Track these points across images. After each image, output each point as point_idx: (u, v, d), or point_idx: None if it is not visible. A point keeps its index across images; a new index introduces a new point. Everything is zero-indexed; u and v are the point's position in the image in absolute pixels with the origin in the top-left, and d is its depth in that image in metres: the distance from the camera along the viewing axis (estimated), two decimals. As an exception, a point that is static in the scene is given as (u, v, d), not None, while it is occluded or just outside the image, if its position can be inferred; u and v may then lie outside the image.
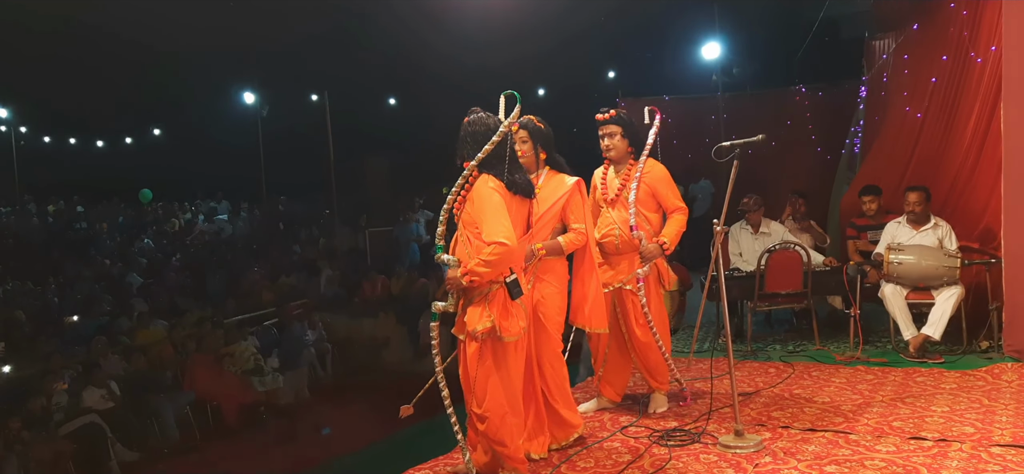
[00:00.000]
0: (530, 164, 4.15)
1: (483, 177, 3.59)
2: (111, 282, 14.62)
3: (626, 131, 4.63)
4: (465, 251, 3.59)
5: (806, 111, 12.74)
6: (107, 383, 8.35)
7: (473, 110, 3.75)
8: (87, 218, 20.89)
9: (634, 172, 4.58)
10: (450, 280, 3.57)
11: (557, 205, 4.09)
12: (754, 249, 6.77)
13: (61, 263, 16.25)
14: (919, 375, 5.27)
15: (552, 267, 4.08)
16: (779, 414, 4.64)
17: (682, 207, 4.66)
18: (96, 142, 28.58)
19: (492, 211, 3.49)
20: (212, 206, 20.62)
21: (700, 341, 6.90)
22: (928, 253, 5.76)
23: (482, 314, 3.57)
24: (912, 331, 5.76)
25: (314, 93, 19.91)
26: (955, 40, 6.83)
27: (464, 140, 3.67)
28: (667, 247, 4.56)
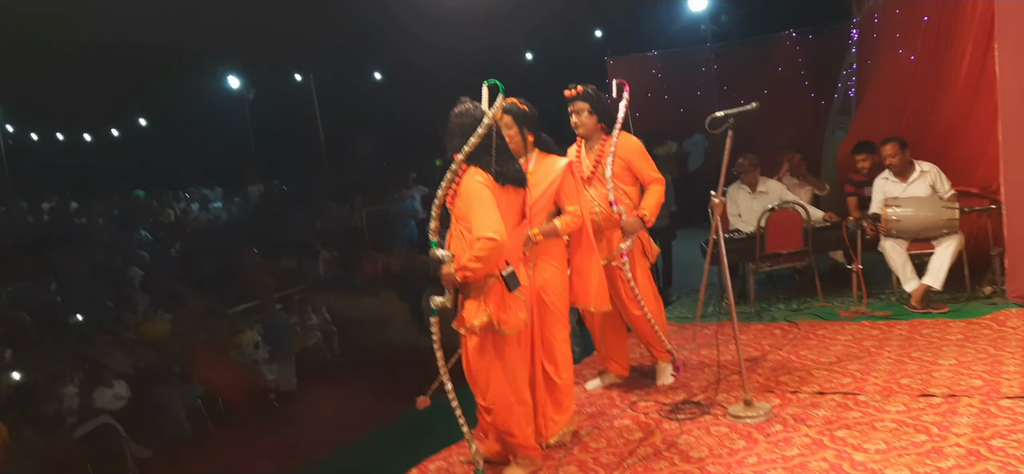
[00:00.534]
0: (518, 149, 4.10)
1: (471, 170, 3.55)
2: (111, 277, 14.60)
3: (594, 107, 4.57)
4: (460, 245, 3.57)
5: (797, 57, 12.70)
6: (116, 382, 8.37)
7: (461, 101, 3.70)
8: (82, 213, 20.79)
9: (607, 147, 4.55)
10: (445, 275, 3.55)
11: (550, 189, 4.05)
12: (753, 209, 6.76)
13: (60, 261, 16.21)
14: (924, 327, 5.31)
15: (550, 249, 4.07)
16: (787, 378, 4.67)
17: (659, 178, 4.63)
18: (83, 136, 28.36)
19: (480, 205, 3.47)
20: (205, 193, 20.50)
21: (704, 305, 6.91)
22: (925, 204, 5.74)
23: (479, 308, 3.56)
24: (914, 283, 5.78)
25: (298, 73, 19.71)
26: (946, -24, 6.76)
27: (453, 132, 3.63)
28: (647, 219, 4.55)
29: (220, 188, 20.74)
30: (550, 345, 4.03)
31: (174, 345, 9.73)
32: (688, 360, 5.35)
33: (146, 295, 12.74)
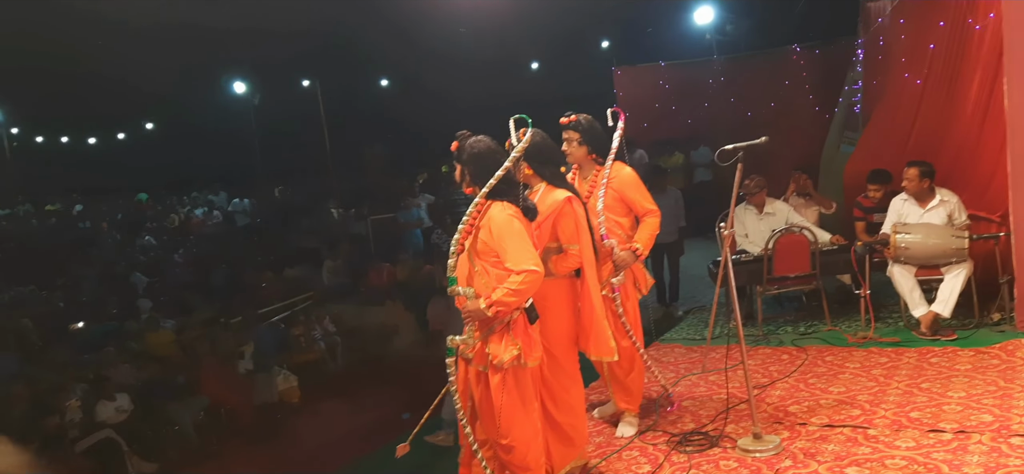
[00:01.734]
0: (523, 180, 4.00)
1: (498, 204, 3.54)
2: (115, 283, 14.59)
3: (585, 137, 4.47)
4: (483, 282, 3.53)
5: (802, 71, 12.69)
6: (119, 395, 8.36)
7: (463, 134, 3.66)
8: (86, 217, 20.82)
9: (600, 177, 4.46)
10: (472, 313, 3.50)
11: (546, 223, 3.94)
12: (760, 230, 6.75)
13: (64, 265, 16.21)
14: (933, 356, 5.29)
15: (548, 290, 3.85)
16: (796, 409, 4.65)
17: (653, 209, 4.52)
18: (88, 140, 28.41)
19: (515, 238, 3.47)
20: (210, 199, 20.52)
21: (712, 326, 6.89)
22: (935, 232, 5.73)
23: (507, 343, 3.52)
24: (923, 308, 5.76)
25: (306, 79, 19.74)
26: (952, 6, 6.76)
27: (468, 163, 3.61)
28: (640, 253, 4.43)
29: (224, 193, 20.76)
30: (552, 388, 3.95)
31: (178, 356, 9.72)
32: (695, 385, 5.34)
33: (149, 302, 12.74)
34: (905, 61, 7.73)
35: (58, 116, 25.12)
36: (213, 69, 20.75)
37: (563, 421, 3.96)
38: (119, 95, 22.26)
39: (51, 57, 17.72)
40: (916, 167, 5.97)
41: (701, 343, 6.41)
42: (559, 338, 3.97)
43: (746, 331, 4.46)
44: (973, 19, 6.33)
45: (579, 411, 4.04)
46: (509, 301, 3.44)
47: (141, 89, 21.67)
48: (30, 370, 9.74)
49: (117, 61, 18.23)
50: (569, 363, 4.03)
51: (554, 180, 4.05)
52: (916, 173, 5.95)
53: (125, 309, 12.45)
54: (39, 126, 26.79)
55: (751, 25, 14.19)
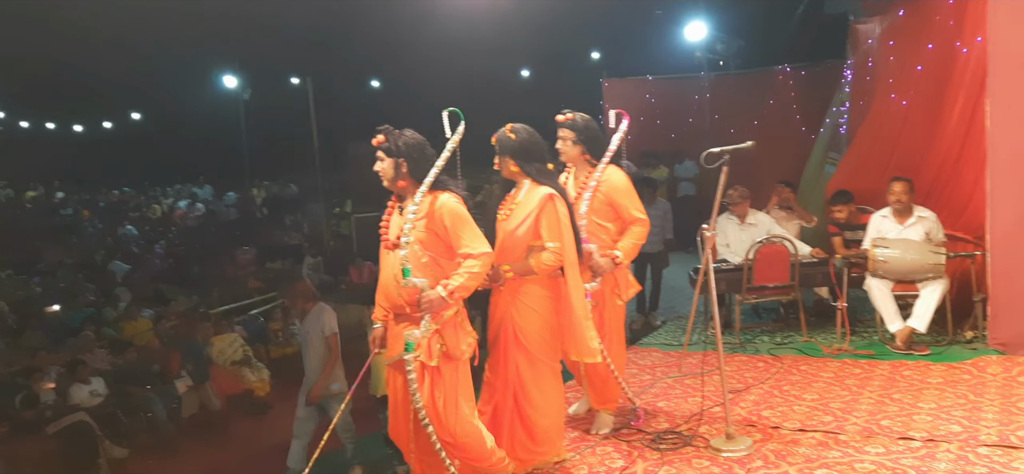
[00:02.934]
0: (507, 177, 4.05)
1: (446, 194, 3.51)
2: (94, 270, 14.48)
3: (579, 136, 4.38)
4: (430, 272, 3.47)
5: (790, 91, 12.84)
6: (94, 379, 8.29)
7: (386, 129, 3.59)
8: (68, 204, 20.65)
9: (590, 179, 4.37)
10: (433, 303, 3.40)
11: (527, 222, 3.88)
12: (741, 240, 6.81)
13: (42, 250, 16.07)
14: (906, 369, 5.35)
15: (529, 289, 3.90)
16: (769, 413, 4.69)
17: (641, 219, 4.40)
18: (74, 127, 28.20)
19: (469, 225, 3.50)
20: (194, 191, 20.43)
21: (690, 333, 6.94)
22: (913, 247, 5.80)
23: (463, 333, 3.56)
24: (898, 323, 5.83)
25: (296, 76, 19.72)
26: (941, 28, 6.86)
27: (404, 155, 3.53)
28: (619, 261, 4.32)
29: (210, 187, 20.67)
30: (527, 387, 3.91)
31: (155, 343, 9.66)
32: (671, 388, 5.37)
33: (128, 290, 12.65)
34: (892, 82, 7.83)
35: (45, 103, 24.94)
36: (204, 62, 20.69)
37: (536, 421, 3.92)
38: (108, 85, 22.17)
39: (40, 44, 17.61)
40: (904, 182, 6.05)
41: (678, 349, 6.44)
42: (540, 338, 3.93)
43: (723, 339, 4.46)
44: (961, 42, 6.43)
45: (554, 413, 4.00)
46: (468, 286, 3.45)
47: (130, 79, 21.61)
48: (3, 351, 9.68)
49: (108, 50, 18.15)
50: (551, 362, 3.98)
51: (539, 177, 3.97)
52: (904, 187, 6.01)
53: (103, 296, 12.37)
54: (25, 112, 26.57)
55: (741, 45, 14.35)
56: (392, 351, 3.63)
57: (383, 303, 3.67)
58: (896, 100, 7.64)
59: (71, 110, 26.14)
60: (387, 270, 3.59)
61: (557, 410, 4.03)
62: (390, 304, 3.60)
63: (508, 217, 3.99)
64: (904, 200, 6.02)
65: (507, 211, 4.02)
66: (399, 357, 3.53)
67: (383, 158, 3.58)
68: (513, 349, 3.91)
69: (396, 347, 3.57)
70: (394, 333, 3.60)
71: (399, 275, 3.42)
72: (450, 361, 3.51)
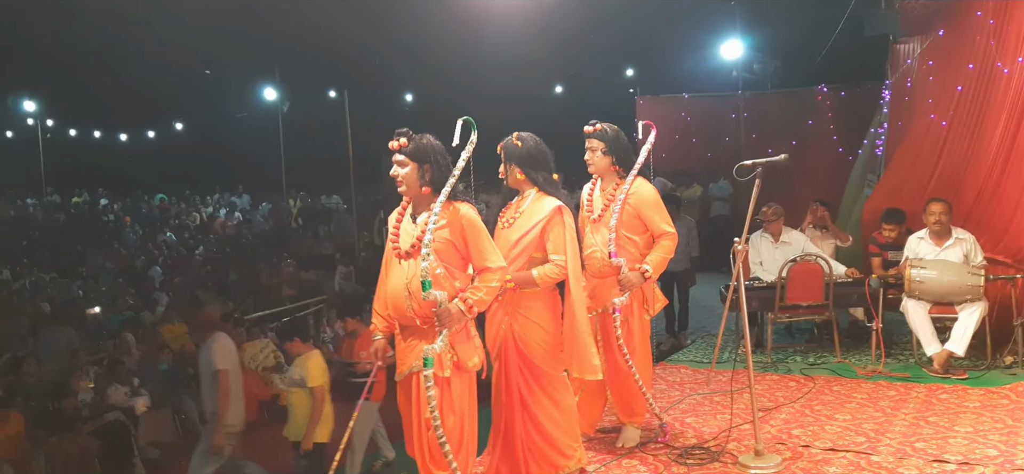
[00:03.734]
0: (512, 185, 3.97)
1: (464, 205, 3.39)
2: (134, 275, 14.78)
3: (609, 147, 4.33)
4: (446, 284, 3.34)
5: (827, 111, 12.71)
6: (131, 380, 8.45)
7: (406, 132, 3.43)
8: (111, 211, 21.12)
9: (619, 192, 4.31)
10: (454, 316, 3.30)
11: (533, 232, 3.80)
12: (775, 258, 6.74)
13: (85, 255, 16.45)
14: (942, 392, 5.25)
15: (529, 302, 3.82)
16: (800, 432, 4.63)
17: (670, 232, 4.34)
18: (119, 136, 28.90)
19: (487, 237, 3.42)
20: (233, 200, 20.78)
21: (720, 351, 6.88)
22: (950, 268, 5.70)
23: (473, 346, 3.46)
24: (935, 346, 5.72)
25: (333, 89, 20.01)
26: (982, 49, 6.76)
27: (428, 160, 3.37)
28: (648, 275, 4.26)
29: (247, 196, 21.00)
30: (528, 402, 3.81)
31: (190, 347, 9.81)
32: (700, 405, 5.33)
33: (166, 295, 12.89)
34: (932, 102, 7.73)
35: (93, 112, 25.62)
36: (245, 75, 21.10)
37: (550, 431, 3.83)
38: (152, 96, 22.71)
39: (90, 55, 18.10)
40: (942, 203, 5.95)
41: (708, 366, 6.39)
42: (543, 349, 3.84)
43: (754, 358, 4.40)
44: (1002, 63, 6.34)
45: (567, 421, 3.90)
46: (486, 301, 3.39)
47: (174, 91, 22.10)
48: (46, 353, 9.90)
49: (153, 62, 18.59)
50: (556, 372, 3.89)
51: (546, 186, 3.90)
52: (943, 208, 5.90)
53: (142, 300, 12.62)
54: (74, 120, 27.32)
55: (778, 66, 14.25)
56: (400, 367, 3.49)
57: (385, 313, 3.53)
58: (936, 121, 7.53)
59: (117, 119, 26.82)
60: (396, 280, 3.41)
61: (570, 418, 3.91)
62: (399, 316, 3.44)
63: (511, 225, 3.90)
64: (943, 221, 5.91)
65: (509, 219, 3.94)
66: (409, 372, 3.41)
67: (406, 163, 3.39)
68: (516, 362, 3.82)
69: (402, 362, 3.46)
70: (404, 348, 3.47)
71: (414, 286, 3.29)
72: (461, 373, 3.42)
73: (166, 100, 23.59)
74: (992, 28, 6.56)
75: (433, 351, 3.28)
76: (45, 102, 24.57)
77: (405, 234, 3.44)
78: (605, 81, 17.57)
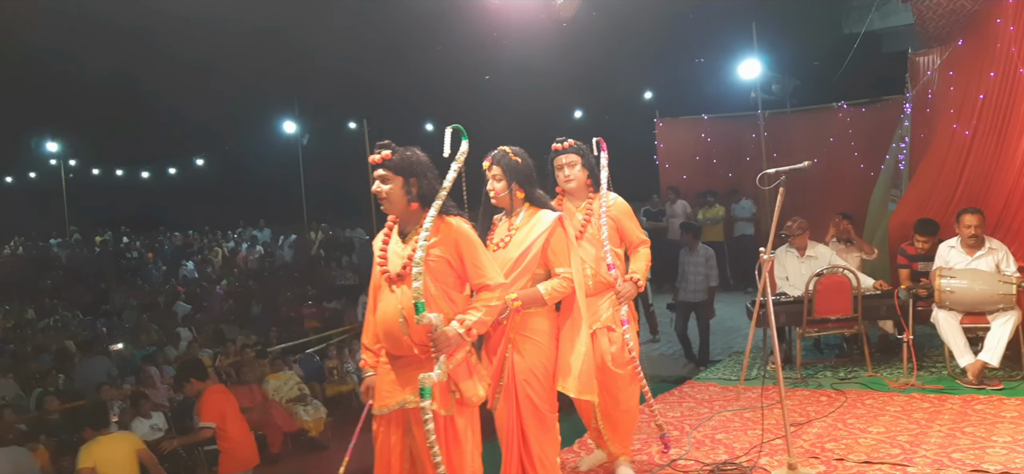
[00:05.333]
0: (504, 204, 3.79)
1: (456, 218, 3.15)
2: (158, 311, 14.88)
3: (585, 161, 4.18)
4: (442, 306, 3.09)
5: (848, 128, 12.60)
6: (155, 413, 8.46)
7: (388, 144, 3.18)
8: (134, 248, 21.34)
9: (596, 206, 4.16)
10: (453, 339, 3.02)
11: (536, 246, 3.63)
12: (801, 273, 6.65)
13: (109, 293, 16.60)
14: (978, 403, 5.13)
15: (533, 321, 3.65)
16: (833, 446, 4.54)
17: (646, 240, 4.28)
18: (141, 173, 29.29)
19: (485, 252, 3.19)
20: (254, 234, 20.92)
21: (749, 368, 6.78)
22: (981, 278, 5.60)
23: (477, 376, 3.19)
24: (968, 357, 5.60)
25: (353, 120, 20.19)
26: (1003, 56, 6.68)
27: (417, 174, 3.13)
28: (640, 284, 4.15)
29: (269, 229, 21.14)
30: (528, 441, 3.59)
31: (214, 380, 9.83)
32: (730, 421, 5.24)
33: (189, 330, 12.97)
34: (954, 112, 7.64)
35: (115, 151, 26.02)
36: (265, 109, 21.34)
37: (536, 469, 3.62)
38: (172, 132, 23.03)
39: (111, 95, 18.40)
40: (976, 213, 5.84)
41: (736, 383, 6.29)
42: (541, 380, 3.65)
43: (784, 373, 4.30)
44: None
45: (553, 459, 3.67)
46: (486, 322, 3.12)
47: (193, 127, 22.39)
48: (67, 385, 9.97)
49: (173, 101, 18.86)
50: (548, 410, 3.67)
51: (539, 202, 3.78)
52: (978, 219, 5.79)
53: (165, 335, 12.70)
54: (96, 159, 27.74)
55: (797, 85, 14.20)
56: (383, 400, 3.16)
57: (376, 347, 3.28)
58: (958, 131, 7.43)
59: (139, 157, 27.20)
60: (388, 307, 3.13)
61: (554, 454, 3.69)
62: (392, 346, 3.15)
63: (506, 245, 3.72)
64: (979, 233, 5.81)
65: (503, 239, 3.75)
66: (397, 407, 3.10)
67: (389, 178, 3.12)
68: (517, 394, 3.62)
69: (388, 394, 3.14)
70: (386, 380, 3.17)
71: (408, 311, 3.02)
72: (465, 409, 3.12)
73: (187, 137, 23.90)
74: (1013, 35, 6.48)
75: (431, 379, 2.97)
76: (68, 142, 24.97)
77: (394, 256, 3.17)
78: (624, 104, 17.59)
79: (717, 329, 8.47)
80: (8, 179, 30.64)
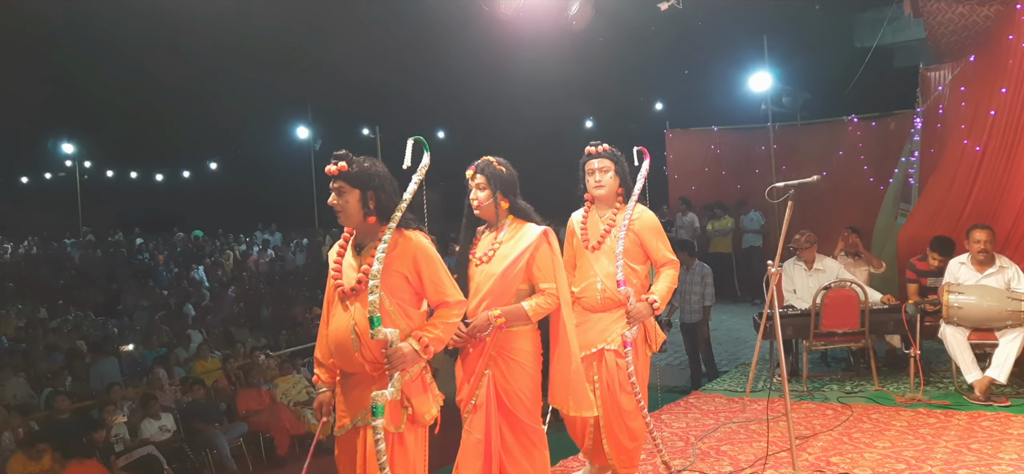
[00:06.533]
0: (489, 214, 3.63)
1: (415, 233, 3.04)
2: (169, 312, 14.96)
3: (618, 168, 4.03)
4: (398, 322, 2.98)
5: (858, 141, 12.60)
6: (164, 415, 8.52)
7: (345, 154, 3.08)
8: (146, 249, 21.47)
9: (620, 218, 4.01)
10: (406, 356, 2.91)
11: (521, 260, 3.49)
12: (808, 286, 6.66)
13: (120, 294, 16.70)
14: (984, 419, 5.12)
15: (516, 341, 3.50)
16: (838, 460, 4.54)
17: (674, 260, 4.07)
18: (155, 176, 29.52)
19: (444, 268, 3.06)
20: (266, 238, 21.02)
21: (755, 380, 6.79)
22: (990, 294, 5.59)
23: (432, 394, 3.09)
24: (975, 373, 5.60)
25: (365, 127, 20.29)
26: (1015, 72, 6.67)
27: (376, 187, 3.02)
28: (657, 307, 3.95)
29: (280, 234, 21.24)
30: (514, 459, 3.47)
31: (223, 383, 9.90)
32: (735, 433, 5.24)
33: (198, 333, 13.04)
34: (965, 128, 7.63)
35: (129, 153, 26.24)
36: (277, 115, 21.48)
37: None
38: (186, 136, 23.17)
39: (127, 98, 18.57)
40: (987, 230, 5.84)
41: (742, 395, 6.30)
42: (527, 400, 3.51)
43: (790, 386, 4.29)
44: (1035, 85, 6.26)
45: None
46: (443, 339, 3.03)
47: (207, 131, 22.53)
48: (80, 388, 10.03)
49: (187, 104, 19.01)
50: (535, 424, 3.55)
51: (523, 214, 3.64)
52: (988, 236, 5.79)
53: (176, 337, 12.76)
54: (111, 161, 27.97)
55: (808, 98, 14.20)
56: (345, 419, 3.08)
57: (329, 362, 3.17)
58: (969, 146, 7.42)
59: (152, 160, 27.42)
60: (341, 322, 3.03)
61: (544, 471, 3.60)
62: (344, 362, 3.06)
63: (490, 259, 3.57)
64: (987, 249, 5.81)
65: (487, 253, 3.59)
66: (352, 426, 3.03)
67: (345, 190, 3.02)
68: (497, 414, 3.48)
69: (343, 414, 3.07)
70: (347, 399, 3.07)
71: (360, 327, 2.93)
72: (415, 427, 3.03)
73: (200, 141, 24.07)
74: (1025, 51, 6.48)
75: (384, 397, 2.88)
76: (83, 144, 25.20)
77: (348, 270, 3.08)
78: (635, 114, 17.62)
79: (724, 340, 8.49)
80: (24, 179, 30.99)
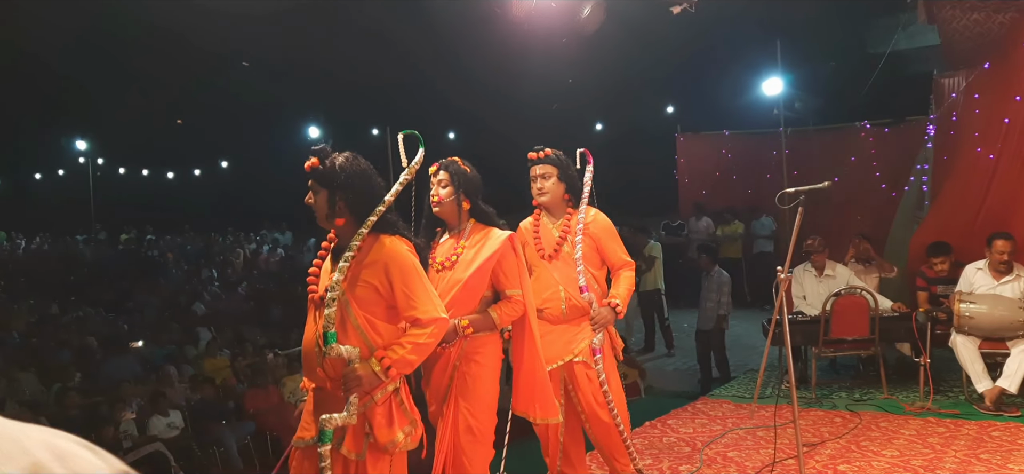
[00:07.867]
0: (450, 215, 3.49)
1: (392, 239, 2.78)
2: (178, 310, 15.03)
3: (562, 173, 3.88)
4: (364, 338, 2.73)
5: (871, 148, 12.54)
6: (172, 412, 8.55)
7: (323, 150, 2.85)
8: (157, 246, 21.60)
9: (573, 222, 3.88)
10: (365, 378, 2.65)
11: (487, 267, 3.36)
12: (818, 292, 6.62)
13: (131, 291, 16.79)
14: (994, 429, 5.09)
15: (482, 347, 3.38)
16: (846, 468, 4.52)
17: (630, 262, 3.99)
18: (167, 173, 29.68)
19: (421, 281, 2.76)
20: (276, 237, 21.08)
21: (763, 387, 6.75)
22: (1001, 303, 5.55)
23: (398, 418, 2.77)
24: (986, 383, 5.56)
25: (376, 127, 20.34)
26: (1030, 80, 6.64)
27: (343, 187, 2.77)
28: (620, 310, 3.85)
29: (290, 233, 21.30)
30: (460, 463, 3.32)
31: (232, 381, 9.92)
32: (742, 439, 5.22)
33: (208, 331, 13.09)
34: (978, 136, 7.58)
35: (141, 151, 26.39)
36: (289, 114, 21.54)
37: None
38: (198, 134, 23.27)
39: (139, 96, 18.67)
40: (1007, 239, 5.81)
41: (750, 400, 6.27)
42: (484, 408, 3.39)
43: (798, 393, 4.26)
44: (1051, 94, 6.21)
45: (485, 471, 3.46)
46: (411, 361, 2.73)
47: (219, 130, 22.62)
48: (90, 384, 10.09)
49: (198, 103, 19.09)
50: (487, 437, 3.41)
51: (485, 218, 3.52)
52: (1008, 245, 5.77)
53: (185, 334, 12.82)
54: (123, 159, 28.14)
55: (820, 104, 14.13)
56: (304, 430, 2.84)
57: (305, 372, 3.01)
58: (983, 154, 7.37)
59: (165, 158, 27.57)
60: (309, 333, 2.82)
61: None
62: (310, 373, 2.87)
63: (453, 265, 3.42)
64: (1008, 258, 5.77)
65: (449, 259, 3.45)
66: (312, 442, 2.76)
67: (316, 189, 2.81)
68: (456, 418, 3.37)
69: (305, 427, 2.85)
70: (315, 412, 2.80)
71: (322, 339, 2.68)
72: (380, 456, 2.73)
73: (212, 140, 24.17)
74: (1040, 59, 6.44)
75: (334, 422, 2.62)
76: (96, 141, 25.37)
77: (324, 276, 2.87)
78: (646, 118, 17.58)
79: (733, 346, 8.42)
80: (37, 176, 31.23)
